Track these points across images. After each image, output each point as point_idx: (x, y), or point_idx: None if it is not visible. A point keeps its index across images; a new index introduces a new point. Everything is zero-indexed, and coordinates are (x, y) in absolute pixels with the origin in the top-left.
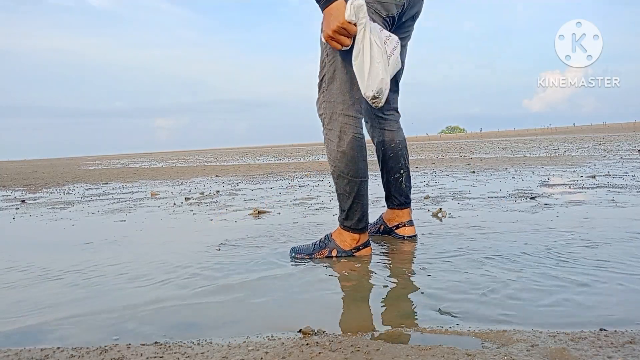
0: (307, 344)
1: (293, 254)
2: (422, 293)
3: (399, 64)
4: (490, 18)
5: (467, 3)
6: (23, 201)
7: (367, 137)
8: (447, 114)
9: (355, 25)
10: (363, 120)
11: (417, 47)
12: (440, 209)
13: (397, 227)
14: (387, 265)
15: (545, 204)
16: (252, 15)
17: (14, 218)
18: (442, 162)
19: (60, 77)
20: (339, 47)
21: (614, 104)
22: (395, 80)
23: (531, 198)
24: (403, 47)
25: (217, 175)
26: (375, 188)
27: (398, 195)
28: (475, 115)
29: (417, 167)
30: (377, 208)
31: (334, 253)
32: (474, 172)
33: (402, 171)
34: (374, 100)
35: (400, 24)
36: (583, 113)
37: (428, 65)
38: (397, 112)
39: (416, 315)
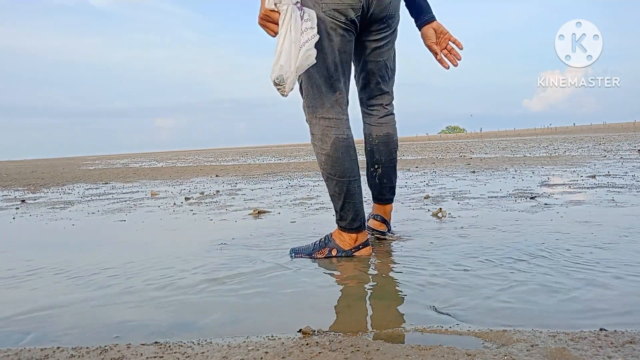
0: (307, 344)
1: (293, 254)
2: (422, 292)
3: (312, 57)
4: (490, 18)
5: (467, 3)
6: (23, 201)
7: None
8: (447, 114)
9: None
10: (364, 119)
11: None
12: (440, 208)
13: (368, 219)
14: (387, 265)
15: (545, 204)
16: (252, 15)
17: (14, 218)
18: (442, 162)
19: (60, 77)
20: (272, 34)
21: (614, 104)
22: (377, 80)
23: (531, 198)
24: (389, 49)
25: (217, 175)
26: None
27: (372, 189)
28: (476, 115)
29: (417, 167)
30: None
31: (333, 253)
32: (474, 172)
33: (376, 166)
34: (277, 87)
35: (367, 26)
36: (583, 113)
37: (428, 65)
38: (385, 108)
39: (416, 315)
